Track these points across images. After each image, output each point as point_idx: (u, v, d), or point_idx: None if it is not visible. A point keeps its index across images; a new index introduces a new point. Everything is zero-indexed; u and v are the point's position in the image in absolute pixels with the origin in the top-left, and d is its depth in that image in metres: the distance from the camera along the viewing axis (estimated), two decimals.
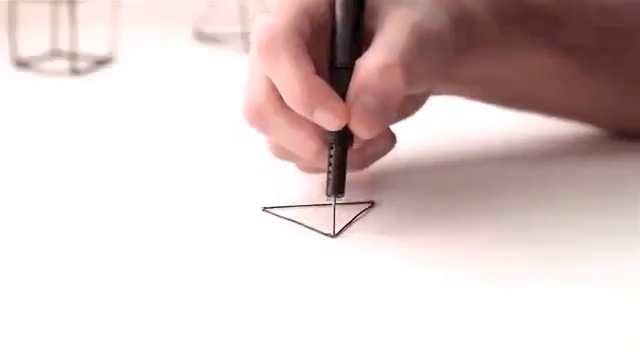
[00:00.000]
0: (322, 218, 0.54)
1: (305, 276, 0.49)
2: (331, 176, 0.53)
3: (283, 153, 0.57)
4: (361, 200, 0.57)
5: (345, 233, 0.54)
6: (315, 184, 0.59)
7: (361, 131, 0.53)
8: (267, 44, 0.52)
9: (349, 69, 0.53)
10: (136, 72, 0.92)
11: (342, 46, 0.54)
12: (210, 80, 0.87)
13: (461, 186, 0.61)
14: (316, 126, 0.53)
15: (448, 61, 0.57)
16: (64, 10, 0.93)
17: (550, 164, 0.65)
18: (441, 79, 0.58)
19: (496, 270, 0.50)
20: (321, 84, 0.52)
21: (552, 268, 0.50)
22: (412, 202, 0.58)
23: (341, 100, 0.52)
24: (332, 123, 0.52)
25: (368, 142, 0.55)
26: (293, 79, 0.52)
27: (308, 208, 0.56)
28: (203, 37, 1.01)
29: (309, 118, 0.52)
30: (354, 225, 0.55)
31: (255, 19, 0.54)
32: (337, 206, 0.55)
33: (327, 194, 0.53)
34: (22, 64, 0.91)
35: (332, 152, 0.53)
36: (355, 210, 0.56)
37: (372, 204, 0.57)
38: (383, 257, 0.51)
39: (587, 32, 0.64)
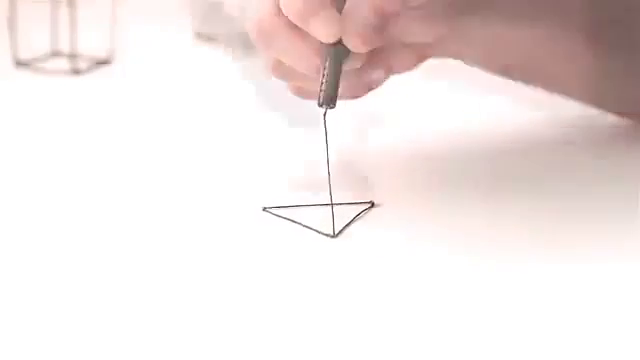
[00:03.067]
0: (322, 218, 0.54)
1: (305, 276, 0.49)
2: (323, 87, 0.53)
3: (282, 71, 0.58)
4: (361, 200, 0.57)
5: (345, 233, 0.54)
6: (315, 184, 0.59)
7: (354, 43, 0.53)
8: None
9: None
10: (136, 72, 0.92)
11: None
12: (210, 80, 0.87)
13: (461, 185, 0.61)
14: (318, 42, 0.54)
15: (455, 8, 0.58)
16: (64, 10, 0.93)
17: (548, 162, 0.65)
18: (446, 27, 0.59)
19: (498, 269, 0.50)
20: None
21: (554, 267, 0.50)
22: (412, 202, 0.58)
23: (335, 12, 0.53)
24: (325, 33, 0.53)
25: (364, 68, 0.56)
26: None
27: (308, 208, 0.56)
28: (203, 37, 1.01)
29: (305, 28, 0.53)
30: (354, 225, 0.55)
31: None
32: (337, 206, 0.55)
33: (319, 104, 0.54)
34: (22, 64, 0.91)
35: (326, 64, 0.54)
36: (355, 210, 0.56)
37: (372, 204, 0.57)
38: (383, 257, 0.51)
39: (595, 2, 0.64)
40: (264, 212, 0.56)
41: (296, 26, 0.54)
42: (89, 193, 0.60)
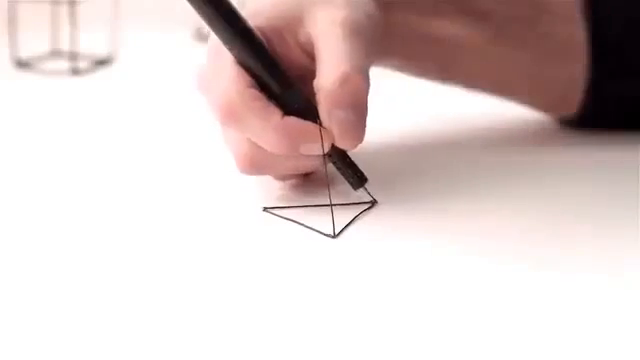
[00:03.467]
0: (322, 218, 0.54)
1: (305, 276, 0.49)
2: (348, 175, 0.56)
3: (287, 177, 0.59)
4: (361, 200, 0.57)
5: (345, 233, 0.54)
6: (315, 184, 0.59)
7: (347, 144, 0.55)
8: (227, 110, 0.54)
9: (290, 89, 0.55)
10: (136, 72, 0.92)
11: (271, 76, 0.55)
12: None
13: (462, 186, 0.61)
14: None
15: (377, 34, 0.59)
16: (64, 10, 0.93)
17: (549, 162, 0.65)
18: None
19: (498, 268, 0.50)
20: (292, 123, 0.54)
21: (554, 267, 0.50)
22: (412, 202, 0.58)
23: (317, 127, 0.54)
24: (319, 150, 0.54)
25: None
26: (266, 131, 0.54)
27: (308, 208, 0.56)
28: (203, 37, 1.01)
29: (297, 155, 0.54)
30: (354, 225, 0.55)
31: None
32: (337, 206, 0.55)
33: (355, 189, 0.56)
34: (22, 64, 0.91)
35: (335, 160, 0.56)
36: (355, 210, 0.56)
37: (372, 204, 0.57)
38: (383, 257, 0.51)
39: (498, 0, 0.66)
40: (264, 212, 0.56)
41: (267, 104, 0.54)
42: (89, 193, 0.60)
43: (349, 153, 0.56)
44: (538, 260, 0.51)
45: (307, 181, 0.60)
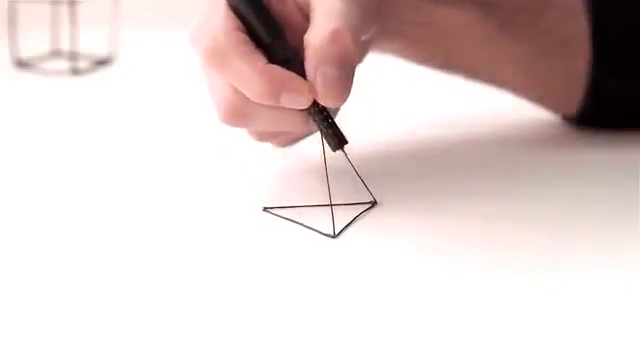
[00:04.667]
0: (322, 218, 0.54)
1: (305, 276, 0.49)
2: (328, 136, 0.55)
3: (265, 136, 0.59)
4: (361, 200, 0.57)
5: (345, 233, 0.54)
6: (315, 184, 0.59)
7: (330, 101, 0.54)
8: (213, 49, 0.53)
9: (279, 39, 0.54)
10: (136, 72, 0.92)
11: (261, 23, 0.54)
12: None
13: (462, 186, 0.61)
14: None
15: (380, 9, 0.59)
16: (64, 10, 0.93)
17: (549, 162, 0.65)
18: (378, 26, 0.60)
19: (498, 267, 0.50)
20: (277, 71, 0.53)
21: (554, 267, 0.50)
22: (412, 202, 0.58)
23: (301, 78, 0.53)
24: (300, 102, 0.54)
25: None
26: (248, 76, 0.53)
27: (308, 208, 0.56)
28: None
29: (278, 105, 0.53)
30: (354, 225, 0.55)
31: None
32: (337, 206, 0.55)
33: (334, 150, 0.55)
34: (22, 64, 0.91)
35: (316, 118, 0.55)
36: (355, 210, 0.56)
37: (372, 204, 0.57)
38: (383, 257, 0.51)
39: None
40: (264, 212, 0.56)
41: (253, 49, 0.54)
42: (89, 193, 0.60)
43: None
44: (539, 260, 0.51)
45: (306, 181, 0.60)
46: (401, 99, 0.80)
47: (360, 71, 0.56)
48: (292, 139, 0.61)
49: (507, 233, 0.54)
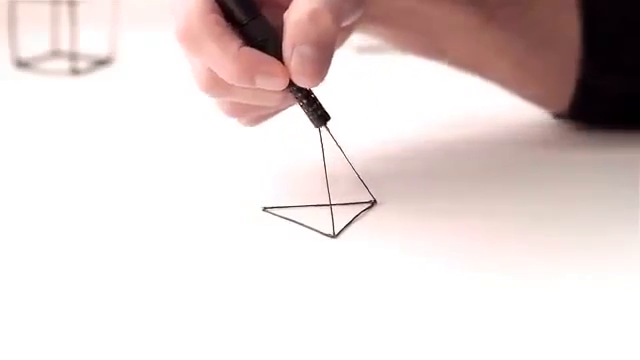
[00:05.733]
0: (322, 218, 0.54)
1: (305, 276, 0.49)
2: (310, 112, 0.54)
3: (240, 109, 0.57)
4: (361, 200, 0.57)
5: (345, 233, 0.54)
6: (315, 184, 0.59)
7: (304, 81, 0.52)
8: (186, 32, 0.53)
9: (254, 20, 0.53)
10: (136, 72, 0.92)
11: (236, 3, 0.53)
12: None
13: (462, 186, 0.61)
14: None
15: None
16: (64, 10, 0.93)
17: (550, 163, 0.65)
18: (363, 11, 0.58)
19: (498, 267, 0.50)
20: (250, 53, 0.52)
21: (554, 268, 0.50)
22: (412, 202, 0.58)
23: (276, 60, 0.52)
24: (276, 84, 0.52)
25: None
26: (222, 58, 0.52)
27: (308, 208, 0.56)
28: None
29: (252, 87, 0.52)
30: (354, 225, 0.55)
31: None
32: (337, 206, 0.55)
33: (316, 126, 0.54)
34: (22, 64, 0.91)
35: (296, 95, 0.54)
36: (355, 210, 0.56)
37: (372, 204, 0.57)
38: (383, 257, 0.51)
39: None
40: (264, 212, 0.56)
41: (227, 31, 0.52)
42: (89, 193, 0.60)
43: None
44: (539, 260, 0.51)
45: (306, 181, 0.60)
46: (401, 99, 0.80)
47: (360, 71, 0.56)
48: (263, 117, 0.59)
49: (507, 233, 0.54)
